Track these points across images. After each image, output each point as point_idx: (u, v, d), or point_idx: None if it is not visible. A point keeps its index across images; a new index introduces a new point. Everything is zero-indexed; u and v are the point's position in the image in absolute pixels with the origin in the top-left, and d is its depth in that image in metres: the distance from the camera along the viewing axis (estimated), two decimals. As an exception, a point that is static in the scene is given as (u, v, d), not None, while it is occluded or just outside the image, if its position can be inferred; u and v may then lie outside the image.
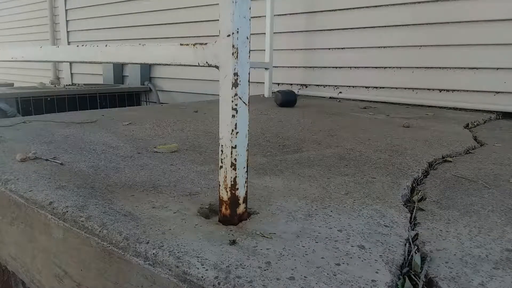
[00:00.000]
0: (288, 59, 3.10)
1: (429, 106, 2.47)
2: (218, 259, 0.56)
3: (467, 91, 2.35)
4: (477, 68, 2.28)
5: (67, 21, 4.99)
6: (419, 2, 2.43)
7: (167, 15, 3.82)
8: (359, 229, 0.68)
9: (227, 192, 0.67)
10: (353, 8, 2.71)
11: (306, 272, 0.54)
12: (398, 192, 0.89)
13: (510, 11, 2.12)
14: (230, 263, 0.55)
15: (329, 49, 2.89)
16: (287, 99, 2.39)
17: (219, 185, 0.68)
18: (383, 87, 2.67)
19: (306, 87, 3.06)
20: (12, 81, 4.89)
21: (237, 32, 0.61)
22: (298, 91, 3.06)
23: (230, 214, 0.68)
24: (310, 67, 3.01)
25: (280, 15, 3.02)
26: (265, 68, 2.85)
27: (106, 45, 0.83)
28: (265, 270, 0.54)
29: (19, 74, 5.94)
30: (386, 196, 0.86)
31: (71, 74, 5.09)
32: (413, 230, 0.70)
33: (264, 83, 2.92)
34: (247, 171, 0.68)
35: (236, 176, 0.66)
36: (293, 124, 1.78)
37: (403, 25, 2.51)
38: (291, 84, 3.13)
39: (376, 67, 2.68)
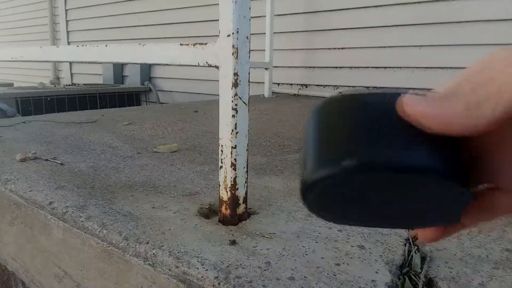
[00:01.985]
0: (288, 59, 3.10)
1: (429, 106, 2.47)
2: (218, 259, 0.56)
3: (467, 91, 2.34)
4: (477, 68, 2.28)
5: (67, 21, 4.99)
6: (419, 2, 2.43)
7: (167, 15, 3.82)
8: (359, 229, 0.68)
9: (227, 192, 0.67)
10: (353, 8, 2.71)
11: (306, 272, 0.54)
12: (398, 192, 0.88)
13: (509, 11, 2.12)
14: (230, 263, 0.55)
15: (329, 49, 2.88)
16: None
17: (219, 185, 0.68)
18: (383, 87, 2.67)
19: (306, 87, 3.06)
20: (12, 81, 4.88)
21: (237, 32, 0.61)
22: (298, 91, 3.06)
23: (230, 214, 0.68)
24: (310, 67, 3.01)
25: (280, 15, 3.02)
26: (265, 68, 2.85)
27: (106, 45, 0.83)
28: (265, 270, 0.54)
29: (19, 74, 5.93)
30: (386, 196, 0.86)
31: (71, 74, 5.08)
32: (413, 230, 0.70)
33: (264, 83, 2.92)
34: (247, 171, 0.68)
35: (236, 176, 0.66)
36: (293, 124, 1.78)
37: (403, 25, 2.51)
38: (291, 84, 3.13)
39: (376, 67, 2.68)
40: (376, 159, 0.18)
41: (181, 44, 0.70)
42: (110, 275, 0.65)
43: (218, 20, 0.62)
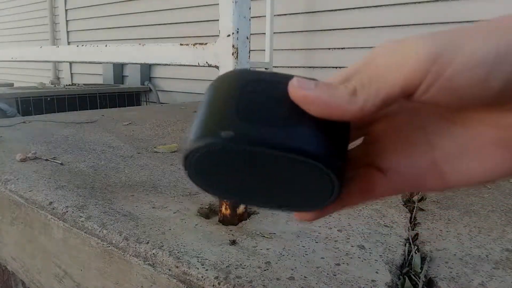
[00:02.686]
0: (288, 59, 3.10)
1: (429, 106, 2.47)
2: (218, 259, 0.56)
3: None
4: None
5: (67, 21, 4.99)
6: (419, 2, 2.43)
7: (167, 15, 3.82)
8: (359, 229, 0.68)
9: (227, 192, 0.67)
10: (353, 8, 2.71)
11: (306, 272, 0.54)
12: (398, 192, 0.88)
13: (509, 11, 2.12)
14: (230, 263, 0.55)
15: (329, 49, 2.89)
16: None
17: (219, 185, 0.68)
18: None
19: (306, 87, 3.06)
20: (12, 81, 4.88)
21: (237, 32, 0.61)
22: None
23: (230, 214, 0.68)
24: (310, 67, 3.01)
25: (280, 15, 3.02)
26: (265, 68, 2.85)
27: (106, 45, 0.83)
28: (265, 270, 0.54)
29: (19, 74, 5.93)
30: (386, 196, 0.86)
31: (71, 74, 5.08)
32: (413, 230, 0.70)
33: (264, 83, 2.92)
34: (247, 171, 0.68)
35: (236, 176, 0.66)
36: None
37: (403, 25, 2.52)
38: (291, 84, 3.13)
39: (376, 67, 2.68)
40: (251, 134, 0.18)
41: (181, 44, 0.70)
42: (110, 275, 0.65)
43: (218, 20, 0.62)
